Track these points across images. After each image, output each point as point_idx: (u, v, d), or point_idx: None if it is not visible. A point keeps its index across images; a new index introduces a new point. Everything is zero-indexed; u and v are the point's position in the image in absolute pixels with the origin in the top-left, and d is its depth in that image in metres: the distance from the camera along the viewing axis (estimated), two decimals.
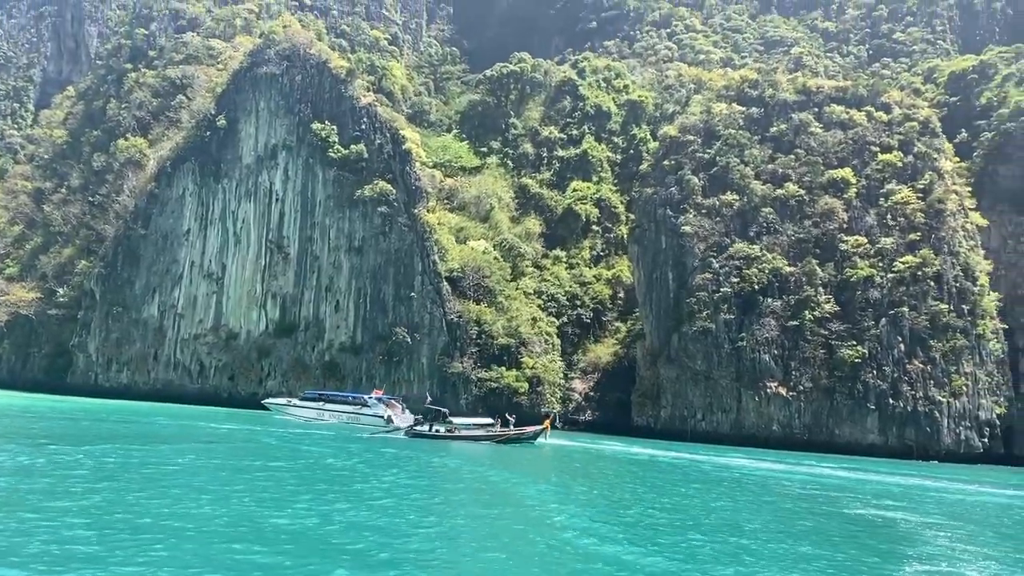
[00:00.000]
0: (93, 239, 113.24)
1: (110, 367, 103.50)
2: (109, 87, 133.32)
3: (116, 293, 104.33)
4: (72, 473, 25.80)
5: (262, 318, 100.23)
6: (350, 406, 76.10)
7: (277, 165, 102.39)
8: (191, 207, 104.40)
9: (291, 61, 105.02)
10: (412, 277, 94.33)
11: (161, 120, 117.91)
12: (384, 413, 73.99)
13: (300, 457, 37.29)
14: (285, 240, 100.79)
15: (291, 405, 79.47)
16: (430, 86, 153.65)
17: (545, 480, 34.12)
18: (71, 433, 42.72)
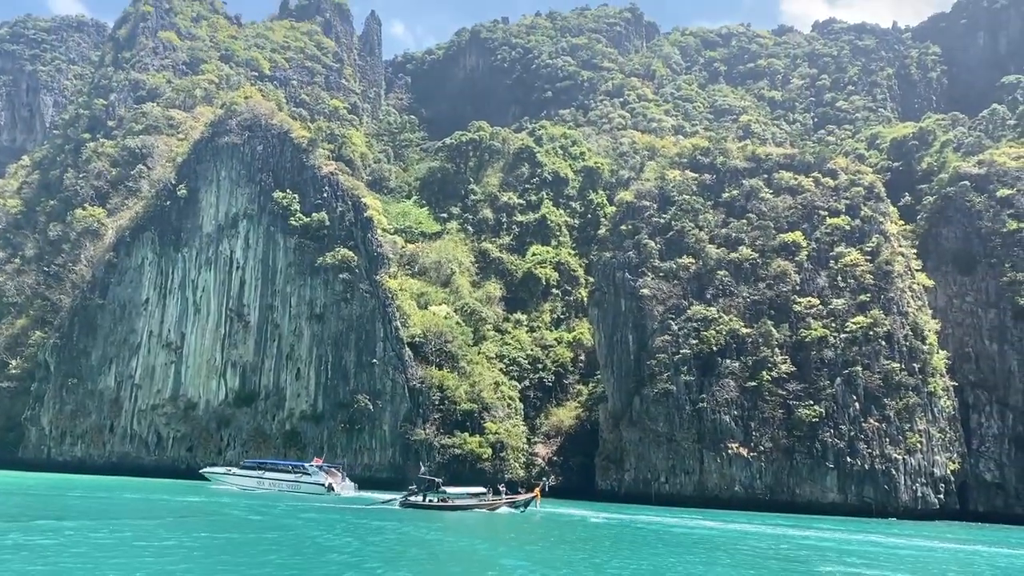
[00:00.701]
0: (48, 309, 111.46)
1: (64, 440, 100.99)
2: (67, 156, 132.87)
3: (71, 364, 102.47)
4: (76, 552, 25.54)
5: (222, 387, 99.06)
6: (290, 474, 76.46)
7: (238, 234, 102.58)
8: (150, 276, 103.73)
9: (252, 131, 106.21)
10: (374, 343, 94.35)
11: (120, 190, 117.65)
12: (325, 481, 74.13)
13: (291, 535, 36.71)
14: (245, 308, 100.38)
15: (231, 474, 79.38)
16: (389, 153, 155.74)
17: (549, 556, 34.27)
18: (45, 508, 41.87)
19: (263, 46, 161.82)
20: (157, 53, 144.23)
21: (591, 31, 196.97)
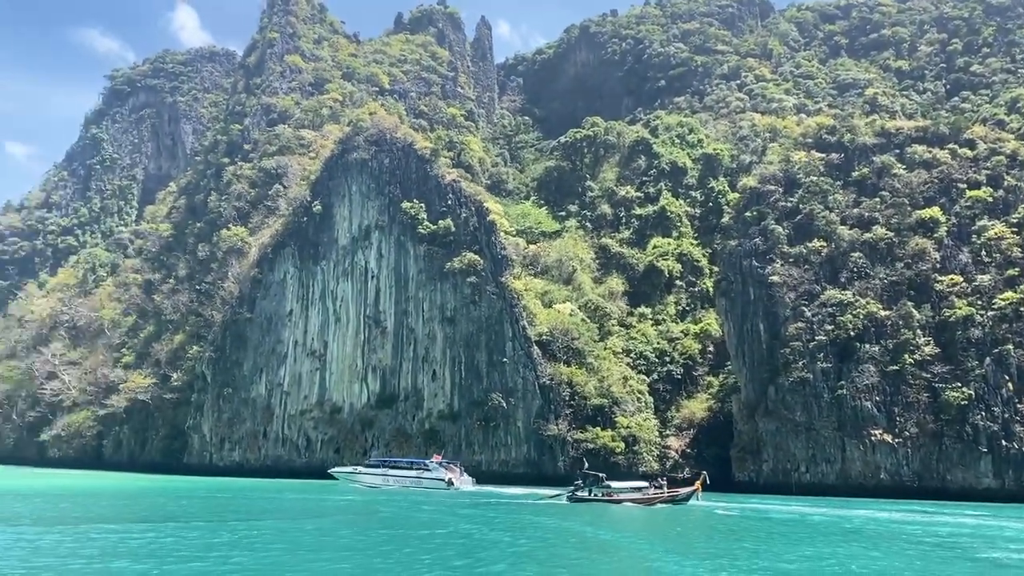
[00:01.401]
0: (202, 325, 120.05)
1: (223, 446, 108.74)
2: (209, 181, 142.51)
3: (226, 375, 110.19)
4: (282, 547, 28.29)
5: (364, 391, 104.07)
6: (412, 471, 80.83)
7: (371, 244, 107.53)
8: (292, 289, 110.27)
9: (379, 145, 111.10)
10: (503, 343, 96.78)
11: (259, 209, 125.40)
12: (445, 476, 77.99)
13: (462, 530, 38.68)
14: (382, 315, 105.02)
15: (357, 473, 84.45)
16: (506, 156, 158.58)
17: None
18: (231, 509, 45.88)
19: (381, 61, 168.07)
20: (284, 77, 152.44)
21: (702, 15, 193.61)
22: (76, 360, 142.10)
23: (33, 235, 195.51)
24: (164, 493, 64.89)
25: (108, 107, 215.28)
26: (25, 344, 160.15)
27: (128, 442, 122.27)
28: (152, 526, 36.45)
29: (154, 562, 25.06)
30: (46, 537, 30.34)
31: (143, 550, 28.13)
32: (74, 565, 24.02)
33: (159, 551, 27.79)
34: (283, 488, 75.44)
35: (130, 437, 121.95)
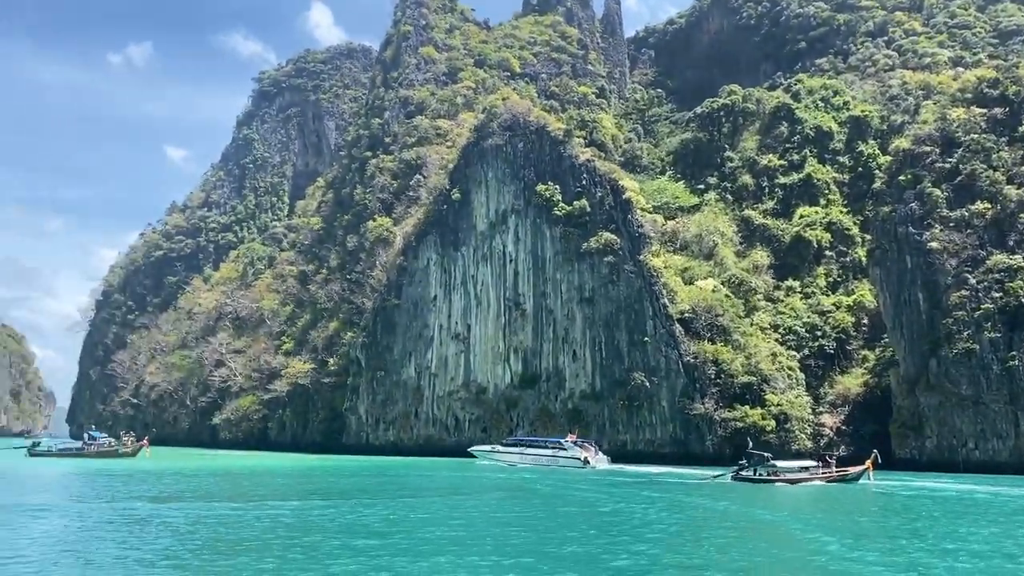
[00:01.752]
0: (354, 312, 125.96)
1: (378, 426, 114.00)
2: (353, 174, 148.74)
3: (378, 359, 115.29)
4: (462, 521, 29.91)
5: (507, 372, 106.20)
6: (548, 450, 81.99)
7: (508, 229, 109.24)
8: (436, 275, 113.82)
9: (512, 130, 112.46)
10: (644, 322, 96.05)
11: (402, 199, 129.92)
12: (581, 455, 78.57)
13: (634, 510, 39.42)
14: (521, 297, 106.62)
15: (495, 451, 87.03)
16: (639, 131, 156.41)
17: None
18: (397, 486, 48.42)
19: (511, 45, 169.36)
20: (420, 68, 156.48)
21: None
22: (241, 348, 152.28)
23: (196, 233, 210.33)
24: (332, 471, 68.89)
25: (257, 108, 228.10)
26: (194, 335, 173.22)
27: (291, 424, 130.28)
28: (331, 502, 38.89)
29: (346, 536, 26.82)
30: (247, 513, 32.95)
31: (332, 524, 30.14)
32: (274, 540, 26.06)
33: (349, 526, 29.68)
34: (434, 466, 78.59)
35: (292, 419, 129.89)
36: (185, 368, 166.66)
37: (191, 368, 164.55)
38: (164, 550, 23.36)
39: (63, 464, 76.53)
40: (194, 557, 22.22)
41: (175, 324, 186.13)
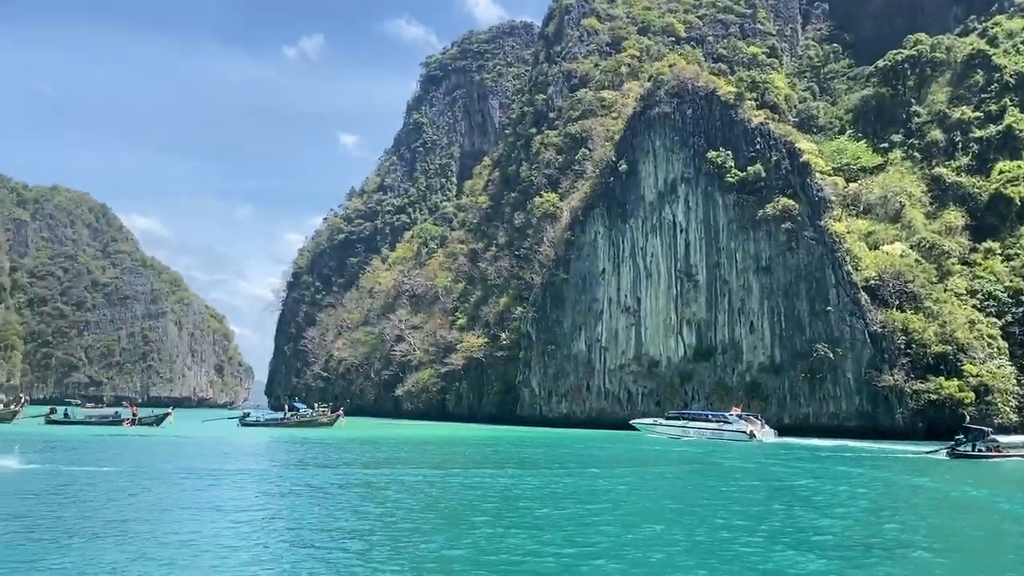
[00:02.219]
0: (523, 287, 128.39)
1: (551, 399, 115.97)
2: (519, 152, 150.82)
3: (548, 333, 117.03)
4: (667, 494, 30.53)
5: (679, 345, 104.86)
6: (712, 423, 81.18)
7: (678, 198, 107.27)
8: (604, 248, 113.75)
9: (680, 97, 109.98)
10: (826, 290, 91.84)
11: (568, 174, 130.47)
12: (746, 428, 77.27)
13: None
14: (693, 268, 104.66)
15: (657, 424, 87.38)
16: (814, 90, 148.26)
17: None
18: (581, 457, 49.58)
19: (676, 9, 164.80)
20: (583, 41, 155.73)
21: None
22: (418, 324, 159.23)
23: (374, 216, 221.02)
24: (512, 442, 71.16)
25: (425, 92, 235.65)
26: (375, 312, 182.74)
27: (467, 396, 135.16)
28: (527, 471, 40.22)
29: (554, 503, 27.75)
30: (453, 480, 34.80)
31: (535, 493, 31.16)
32: (488, 504, 27.28)
33: (551, 495, 30.64)
34: (604, 438, 79.44)
35: (468, 391, 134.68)
36: (368, 343, 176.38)
37: (374, 343, 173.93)
38: (401, 512, 25.05)
39: (270, 433, 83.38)
40: (424, 520, 23.70)
41: (358, 302, 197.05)
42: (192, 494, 29.41)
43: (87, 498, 27.59)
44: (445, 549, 18.46)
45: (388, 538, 19.98)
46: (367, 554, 17.88)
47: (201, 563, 16.89)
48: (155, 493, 29.60)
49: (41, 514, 23.11)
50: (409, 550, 18.25)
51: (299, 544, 18.90)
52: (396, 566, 16.57)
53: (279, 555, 17.68)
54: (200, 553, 17.86)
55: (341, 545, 18.93)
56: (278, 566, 16.54)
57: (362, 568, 16.40)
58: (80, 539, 19.29)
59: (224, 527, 21.58)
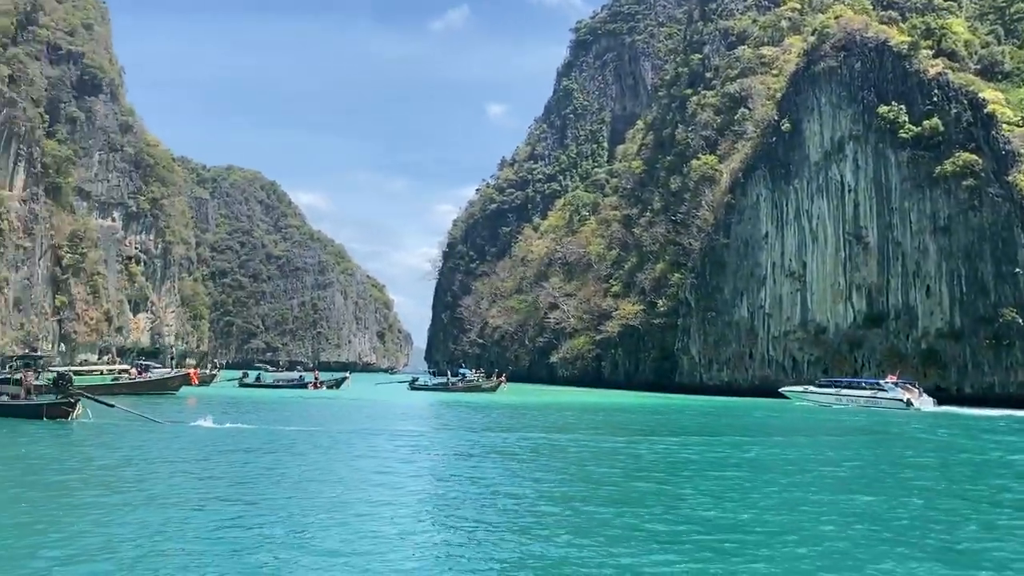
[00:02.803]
0: (680, 253, 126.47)
1: (711, 367, 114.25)
2: (673, 114, 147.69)
3: (708, 299, 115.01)
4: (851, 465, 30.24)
5: (848, 311, 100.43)
6: (867, 390, 78.74)
7: (845, 157, 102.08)
8: (766, 211, 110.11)
9: (847, 50, 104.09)
10: (1013, 251, 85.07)
11: (726, 135, 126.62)
12: (903, 396, 74.42)
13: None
14: (863, 230, 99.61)
15: (808, 392, 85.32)
16: (998, 33, 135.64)
17: None
18: (751, 426, 49.19)
19: None
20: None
21: None
22: (572, 292, 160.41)
23: (525, 185, 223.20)
24: (677, 409, 70.86)
25: (575, 58, 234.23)
26: (528, 280, 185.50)
27: (623, 363, 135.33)
28: (703, 439, 39.92)
29: (751, 471, 27.87)
30: (635, 447, 35.15)
31: (726, 461, 30.95)
32: (685, 472, 27.71)
33: (746, 462, 30.47)
34: (761, 406, 77.33)
35: (624, 358, 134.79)
36: (522, 311, 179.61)
37: (527, 311, 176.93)
38: (600, 473, 25.93)
39: (438, 396, 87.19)
40: (632, 481, 24.30)
41: (510, 271, 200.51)
42: (386, 452, 31.45)
43: (278, 451, 29.80)
44: (656, 520, 18.74)
45: (593, 504, 20.65)
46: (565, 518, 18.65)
47: (401, 516, 18.13)
48: (353, 449, 31.81)
49: (229, 464, 25.45)
50: (618, 520, 18.54)
51: (502, 509, 19.73)
52: (607, 532, 17.13)
53: (483, 518, 18.59)
54: (398, 510, 19.11)
55: (541, 509, 19.82)
56: (484, 529, 17.42)
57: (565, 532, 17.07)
58: (259, 489, 20.99)
59: (420, 485, 23.10)
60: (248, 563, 13.40)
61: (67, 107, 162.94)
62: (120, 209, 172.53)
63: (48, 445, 30.53)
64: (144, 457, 28.24)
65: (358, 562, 13.61)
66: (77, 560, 13.33)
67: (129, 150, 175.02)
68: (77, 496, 19.96)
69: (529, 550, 14.76)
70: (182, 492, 20.95)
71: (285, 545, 14.76)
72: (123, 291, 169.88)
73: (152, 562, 13.36)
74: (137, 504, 18.70)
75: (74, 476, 23.61)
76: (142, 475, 24.03)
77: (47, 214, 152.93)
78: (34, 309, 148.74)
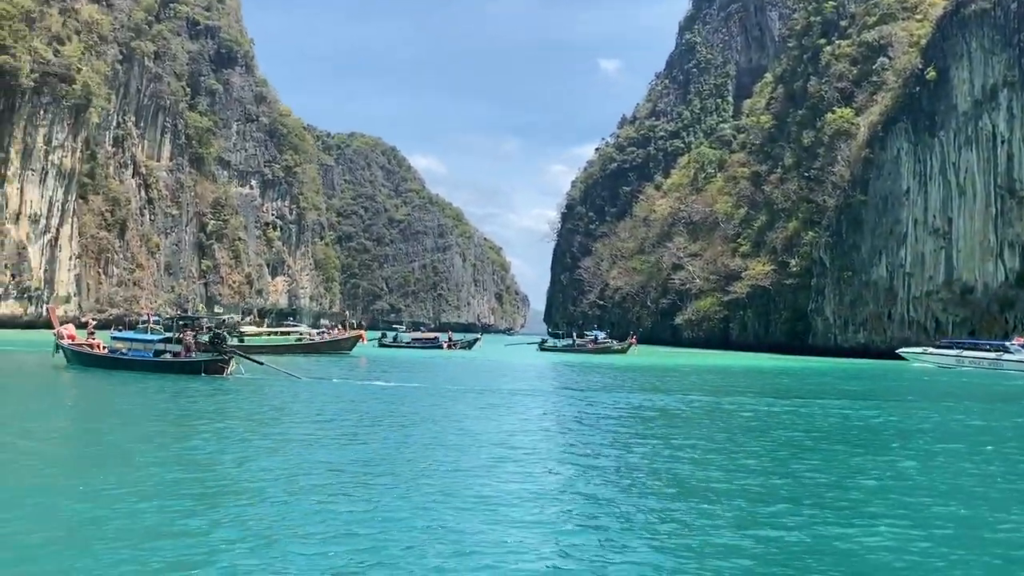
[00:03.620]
0: (814, 211, 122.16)
1: (847, 328, 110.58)
2: (805, 66, 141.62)
3: (844, 258, 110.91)
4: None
5: (998, 269, 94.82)
6: (990, 352, 75.90)
7: (998, 106, 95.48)
8: (907, 166, 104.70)
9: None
10: None
11: (863, 87, 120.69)
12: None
13: None
14: (1017, 184, 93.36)
15: (926, 353, 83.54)
16: None
17: None
18: (900, 391, 47.95)
19: None
20: None
21: None
22: (697, 252, 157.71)
23: (646, 143, 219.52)
24: (819, 372, 69.09)
25: (698, 11, 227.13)
26: (651, 240, 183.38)
27: (752, 325, 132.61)
28: (864, 402, 39.11)
29: (933, 440, 27.50)
30: (801, 409, 34.90)
31: (909, 427, 30.03)
32: (874, 437, 27.51)
33: (930, 431, 29.80)
34: (893, 369, 74.46)
35: (753, 320, 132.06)
36: (644, 272, 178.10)
37: (650, 272, 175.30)
38: (789, 438, 26.20)
39: (568, 358, 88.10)
40: (833, 446, 24.33)
41: (631, 231, 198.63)
42: (563, 410, 32.46)
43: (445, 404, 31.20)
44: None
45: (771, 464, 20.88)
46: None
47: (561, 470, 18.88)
48: (522, 408, 32.92)
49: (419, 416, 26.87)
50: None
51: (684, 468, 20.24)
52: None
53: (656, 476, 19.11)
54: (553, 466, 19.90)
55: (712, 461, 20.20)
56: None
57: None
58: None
59: (578, 438, 23.79)
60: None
61: (206, 80, 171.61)
62: (257, 177, 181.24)
63: (206, 396, 33.50)
64: (289, 405, 31.53)
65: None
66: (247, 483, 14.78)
67: (264, 120, 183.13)
68: (235, 434, 22.72)
69: (760, 519, 14.21)
70: (323, 433, 23.08)
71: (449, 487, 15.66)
72: (262, 255, 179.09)
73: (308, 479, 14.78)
74: (287, 442, 21.27)
75: (231, 420, 26.44)
76: (293, 418, 26.99)
77: (192, 183, 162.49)
78: (182, 272, 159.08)
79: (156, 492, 14.62)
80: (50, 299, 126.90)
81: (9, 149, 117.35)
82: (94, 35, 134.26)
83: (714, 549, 11.98)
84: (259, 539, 11.79)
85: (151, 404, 30.84)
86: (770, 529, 13.25)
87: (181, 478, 16.09)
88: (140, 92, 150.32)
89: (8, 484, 15.15)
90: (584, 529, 13.04)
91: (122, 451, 19.73)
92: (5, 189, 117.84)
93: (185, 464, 17.90)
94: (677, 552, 11.83)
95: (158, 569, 10.31)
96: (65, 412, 28.62)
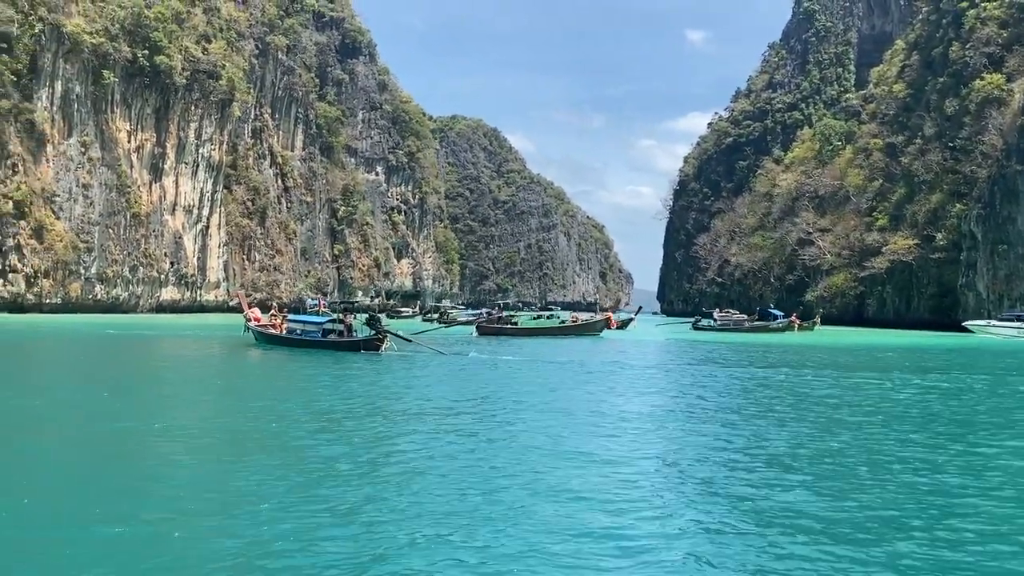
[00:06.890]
0: (961, 182, 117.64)
1: (1002, 303, 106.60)
2: (944, 30, 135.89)
3: (998, 231, 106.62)
4: None
5: None
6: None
7: None
8: None
9: None
10: None
11: (1014, 51, 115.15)
12: None
13: None
14: None
15: (990, 326, 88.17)
16: None
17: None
18: None
19: None
20: None
21: None
22: (826, 227, 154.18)
23: (763, 116, 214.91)
24: (977, 350, 67.38)
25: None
26: (773, 216, 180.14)
27: (891, 301, 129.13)
28: None
29: None
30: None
31: None
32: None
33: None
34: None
35: (893, 296, 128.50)
36: (767, 248, 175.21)
37: (773, 248, 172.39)
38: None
39: (731, 337, 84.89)
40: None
41: (751, 206, 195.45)
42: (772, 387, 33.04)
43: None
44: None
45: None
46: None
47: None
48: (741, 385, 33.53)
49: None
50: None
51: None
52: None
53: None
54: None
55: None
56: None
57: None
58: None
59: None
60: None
61: (333, 70, 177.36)
62: (382, 163, 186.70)
63: (365, 368, 37.49)
64: (434, 375, 35.10)
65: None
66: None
67: (387, 108, 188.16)
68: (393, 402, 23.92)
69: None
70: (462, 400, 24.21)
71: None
72: (388, 239, 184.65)
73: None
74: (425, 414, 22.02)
75: (388, 388, 29.96)
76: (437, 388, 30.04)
77: (323, 171, 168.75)
78: (317, 257, 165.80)
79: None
80: (203, 285, 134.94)
81: (165, 144, 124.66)
82: (233, 32, 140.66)
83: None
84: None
85: (325, 374, 35.30)
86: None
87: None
88: (275, 85, 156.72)
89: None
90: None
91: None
92: (163, 182, 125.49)
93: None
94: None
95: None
96: (272, 384, 32.58)
